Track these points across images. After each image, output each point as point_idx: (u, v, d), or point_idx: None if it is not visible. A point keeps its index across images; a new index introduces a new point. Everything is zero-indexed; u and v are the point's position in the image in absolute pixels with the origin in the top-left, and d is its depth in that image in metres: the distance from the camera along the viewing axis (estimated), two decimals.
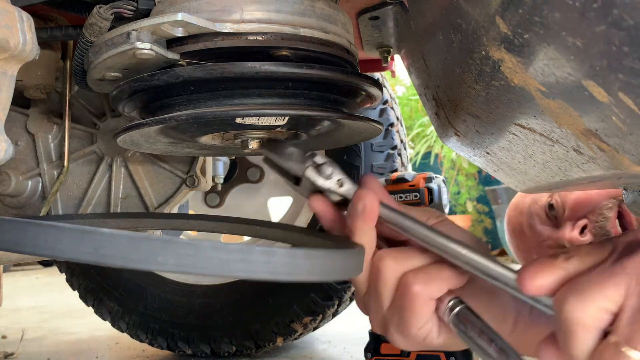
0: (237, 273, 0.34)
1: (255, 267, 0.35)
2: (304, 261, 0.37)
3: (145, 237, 0.33)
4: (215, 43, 0.52)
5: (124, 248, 0.33)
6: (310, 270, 0.38)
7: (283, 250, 0.36)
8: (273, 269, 0.36)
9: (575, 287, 0.42)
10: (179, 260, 0.33)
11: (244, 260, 0.35)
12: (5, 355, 1.66)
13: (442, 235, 0.50)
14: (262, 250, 0.35)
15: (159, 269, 0.33)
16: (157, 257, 0.33)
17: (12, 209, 0.89)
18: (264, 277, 0.35)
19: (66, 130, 0.87)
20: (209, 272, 0.34)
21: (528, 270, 0.45)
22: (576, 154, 0.41)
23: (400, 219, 0.52)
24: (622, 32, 0.26)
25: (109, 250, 0.32)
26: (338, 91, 0.58)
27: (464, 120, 0.58)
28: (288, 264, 0.36)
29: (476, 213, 4.68)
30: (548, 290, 0.44)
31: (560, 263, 0.44)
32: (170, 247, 0.33)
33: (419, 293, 0.49)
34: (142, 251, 0.33)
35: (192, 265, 0.33)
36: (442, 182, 1.06)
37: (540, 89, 0.36)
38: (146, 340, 1.52)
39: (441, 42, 0.53)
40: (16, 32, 0.47)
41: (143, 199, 0.91)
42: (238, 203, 1.68)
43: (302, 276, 0.37)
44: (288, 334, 1.47)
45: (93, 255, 0.32)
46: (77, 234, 0.33)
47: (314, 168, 0.53)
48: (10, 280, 3.81)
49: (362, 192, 0.51)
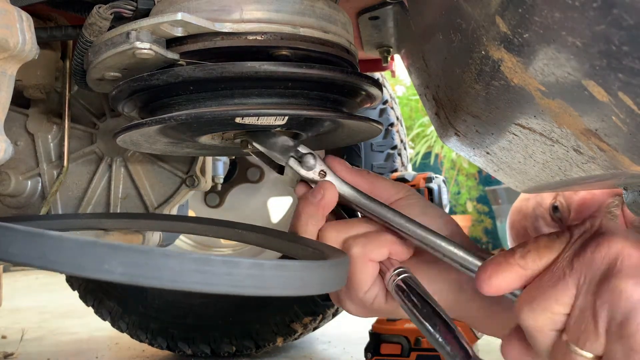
0: (192, 285, 0.31)
1: (214, 279, 0.31)
2: (273, 273, 0.33)
3: (92, 243, 0.30)
4: (215, 43, 0.52)
5: (71, 254, 0.29)
6: (281, 283, 0.34)
7: (248, 261, 0.32)
8: (236, 282, 0.32)
9: (529, 297, 0.43)
10: (126, 269, 0.30)
11: (200, 271, 0.31)
12: (5, 355, 1.66)
13: (401, 216, 0.53)
14: (222, 260, 0.32)
15: (106, 278, 0.29)
16: (104, 265, 0.29)
17: (12, 209, 0.89)
18: (225, 290, 0.32)
19: (66, 130, 0.87)
20: (159, 283, 0.30)
21: (485, 271, 0.45)
22: (576, 153, 0.40)
23: (362, 199, 0.55)
24: (622, 31, 0.26)
25: (56, 255, 0.29)
26: (338, 91, 0.58)
27: (464, 120, 0.58)
28: (254, 277, 0.32)
29: (476, 213, 4.68)
30: (506, 289, 0.45)
31: (517, 260, 0.45)
32: (118, 254, 0.30)
33: (358, 255, 0.52)
34: (89, 258, 0.29)
35: (142, 275, 0.30)
36: (442, 182, 1.06)
37: (540, 89, 0.36)
38: (146, 340, 1.52)
39: (441, 42, 0.53)
40: (15, 32, 0.47)
41: (143, 199, 0.91)
42: (238, 203, 1.68)
43: (271, 290, 0.33)
44: (288, 334, 1.47)
45: (42, 261, 0.29)
46: (27, 237, 0.29)
47: (296, 158, 0.56)
48: (10, 280, 3.81)
49: (326, 185, 0.54)
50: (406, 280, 0.51)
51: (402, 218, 0.54)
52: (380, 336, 1.26)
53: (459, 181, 4.67)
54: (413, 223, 0.53)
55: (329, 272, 0.39)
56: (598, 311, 0.39)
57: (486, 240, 4.73)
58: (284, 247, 0.55)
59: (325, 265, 0.39)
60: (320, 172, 0.56)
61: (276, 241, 0.57)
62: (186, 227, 0.68)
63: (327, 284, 0.39)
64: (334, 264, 0.40)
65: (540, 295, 0.43)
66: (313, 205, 0.54)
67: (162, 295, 1.49)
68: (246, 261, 0.32)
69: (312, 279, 0.36)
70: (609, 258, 0.41)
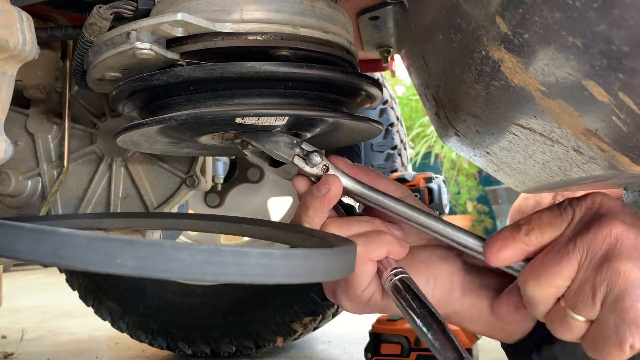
0: (203, 276, 0.32)
1: (225, 269, 0.32)
2: (281, 262, 0.35)
3: (103, 238, 0.30)
4: (215, 43, 0.52)
5: (82, 249, 0.30)
6: (289, 271, 0.35)
7: (257, 251, 0.33)
8: (245, 271, 0.33)
9: (534, 271, 0.49)
10: (139, 262, 0.30)
11: (210, 262, 0.32)
12: (5, 355, 1.66)
13: (404, 204, 0.55)
14: (232, 250, 0.33)
15: (118, 272, 0.30)
16: (116, 259, 0.30)
17: (12, 209, 0.89)
18: (235, 280, 0.33)
19: (66, 130, 0.87)
20: (172, 275, 0.31)
21: (492, 245, 0.51)
22: (576, 154, 0.41)
23: (365, 190, 0.57)
24: (622, 32, 0.26)
25: (66, 251, 0.30)
26: (338, 91, 0.58)
27: (464, 120, 0.58)
28: (263, 266, 0.34)
29: (476, 213, 4.68)
30: (511, 261, 0.51)
31: (522, 237, 0.50)
32: (130, 249, 0.30)
33: (359, 254, 0.53)
34: (100, 253, 0.30)
35: (154, 268, 0.31)
36: (442, 182, 1.06)
37: (540, 89, 0.36)
38: (146, 340, 1.52)
39: (441, 42, 0.53)
40: (16, 32, 0.47)
41: (143, 199, 0.91)
42: (238, 203, 1.68)
43: (279, 278, 0.34)
44: (288, 334, 1.47)
45: (51, 257, 0.30)
46: (36, 235, 0.30)
47: (301, 156, 0.57)
48: (10, 280, 3.81)
49: (331, 178, 0.55)
50: (403, 280, 0.52)
51: (404, 206, 0.55)
52: (380, 336, 1.26)
53: (459, 181, 4.67)
54: (416, 210, 0.55)
55: (336, 259, 0.40)
56: (597, 286, 0.45)
57: None
58: (291, 239, 0.57)
59: (332, 252, 0.40)
60: (323, 166, 0.57)
61: (282, 233, 0.58)
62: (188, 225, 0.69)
63: (335, 271, 0.40)
64: (341, 251, 0.41)
65: (545, 271, 0.48)
66: (319, 199, 0.55)
67: (162, 295, 1.49)
68: (255, 251, 0.33)
69: (319, 266, 0.38)
70: (610, 240, 0.46)
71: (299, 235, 0.55)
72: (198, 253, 0.32)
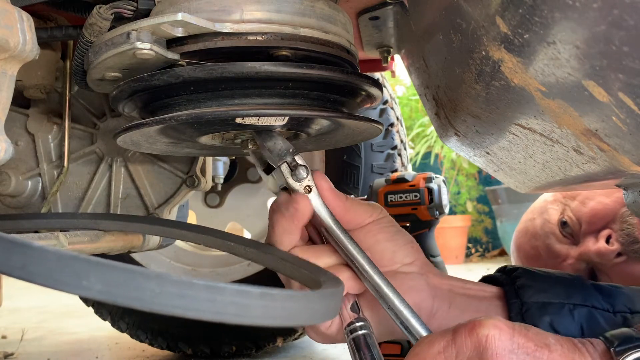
0: (172, 309, 0.29)
1: (196, 304, 0.30)
2: (259, 302, 0.32)
3: (73, 257, 0.28)
4: (215, 43, 0.52)
5: (50, 267, 0.27)
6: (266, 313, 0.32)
7: (233, 287, 0.31)
8: (218, 309, 0.30)
9: None
10: (106, 287, 0.28)
11: (181, 295, 0.29)
12: (5, 355, 1.66)
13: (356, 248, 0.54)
14: (205, 285, 0.30)
15: (85, 294, 0.28)
16: (82, 281, 0.27)
17: (12, 209, 0.90)
18: (206, 317, 0.30)
19: (66, 130, 0.87)
20: (140, 304, 0.29)
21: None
22: (576, 154, 0.41)
23: (330, 223, 0.55)
24: (622, 32, 0.26)
25: (36, 267, 0.27)
26: (338, 91, 0.58)
27: (464, 120, 0.58)
28: (238, 305, 0.31)
29: (476, 213, 4.68)
30: None
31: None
32: (97, 271, 0.28)
33: None
34: (67, 272, 0.27)
35: (121, 295, 0.28)
36: (442, 182, 1.05)
37: (541, 89, 0.36)
38: (146, 340, 1.52)
39: (441, 42, 0.53)
40: (16, 32, 0.47)
41: (143, 199, 0.91)
42: (238, 203, 1.68)
43: (256, 319, 0.32)
44: (288, 334, 1.47)
45: (22, 272, 0.27)
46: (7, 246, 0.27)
47: (289, 166, 0.55)
48: (10, 280, 3.80)
49: (300, 198, 0.54)
50: (365, 337, 0.52)
51: (363, 257, 0.54)
52: None
53: (459, 181, 4.67)
54: (371, 265, 0.54)
55: (318, 304, 0.37)
56: None
57: (486, 240, 4.73)
58: (275, 265, 0.54)
59: (315, 296, 0.37)
60: (306, 187, 0.55)
61: (267, 257, 0.55)
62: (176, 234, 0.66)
63: (316, 316, 0.37)
64: (325, 294, 0.38)
65: None
66: (285, 219, 0.55)
67: None
68: (231, 287, 0.31)
69: (300, 310, 0.35)
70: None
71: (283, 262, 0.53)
72: (169, 284, 0.29)
